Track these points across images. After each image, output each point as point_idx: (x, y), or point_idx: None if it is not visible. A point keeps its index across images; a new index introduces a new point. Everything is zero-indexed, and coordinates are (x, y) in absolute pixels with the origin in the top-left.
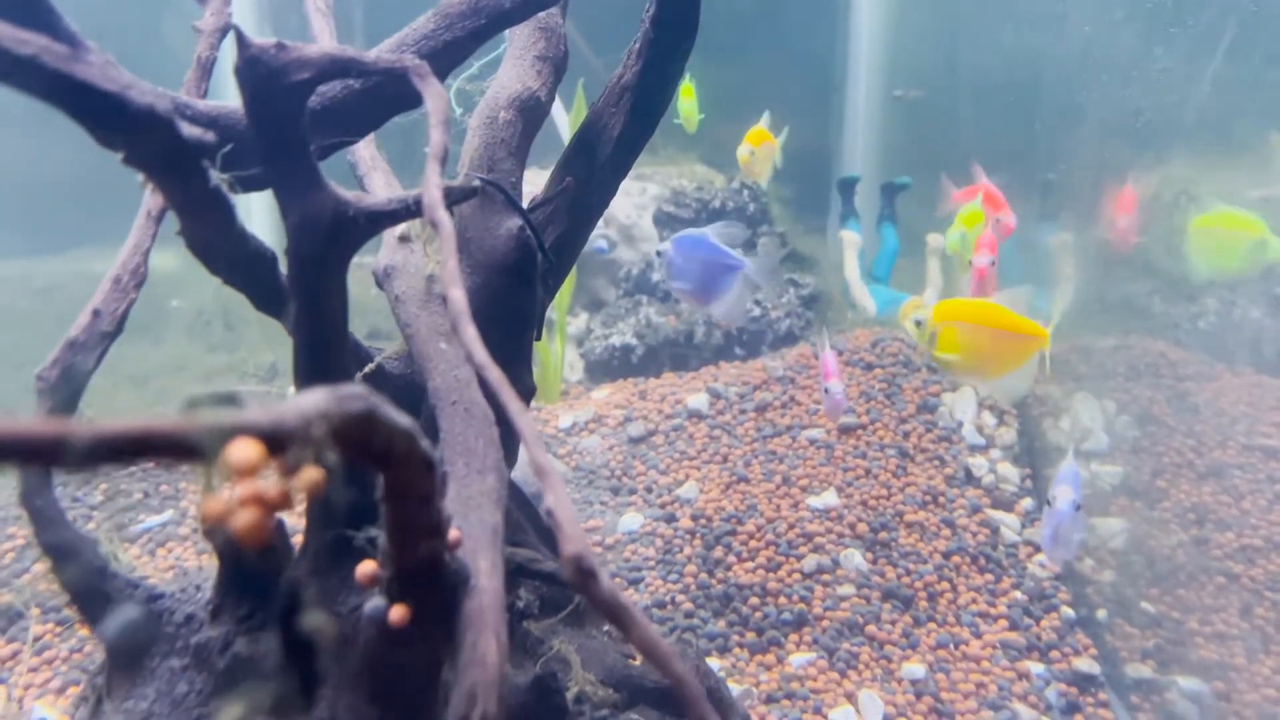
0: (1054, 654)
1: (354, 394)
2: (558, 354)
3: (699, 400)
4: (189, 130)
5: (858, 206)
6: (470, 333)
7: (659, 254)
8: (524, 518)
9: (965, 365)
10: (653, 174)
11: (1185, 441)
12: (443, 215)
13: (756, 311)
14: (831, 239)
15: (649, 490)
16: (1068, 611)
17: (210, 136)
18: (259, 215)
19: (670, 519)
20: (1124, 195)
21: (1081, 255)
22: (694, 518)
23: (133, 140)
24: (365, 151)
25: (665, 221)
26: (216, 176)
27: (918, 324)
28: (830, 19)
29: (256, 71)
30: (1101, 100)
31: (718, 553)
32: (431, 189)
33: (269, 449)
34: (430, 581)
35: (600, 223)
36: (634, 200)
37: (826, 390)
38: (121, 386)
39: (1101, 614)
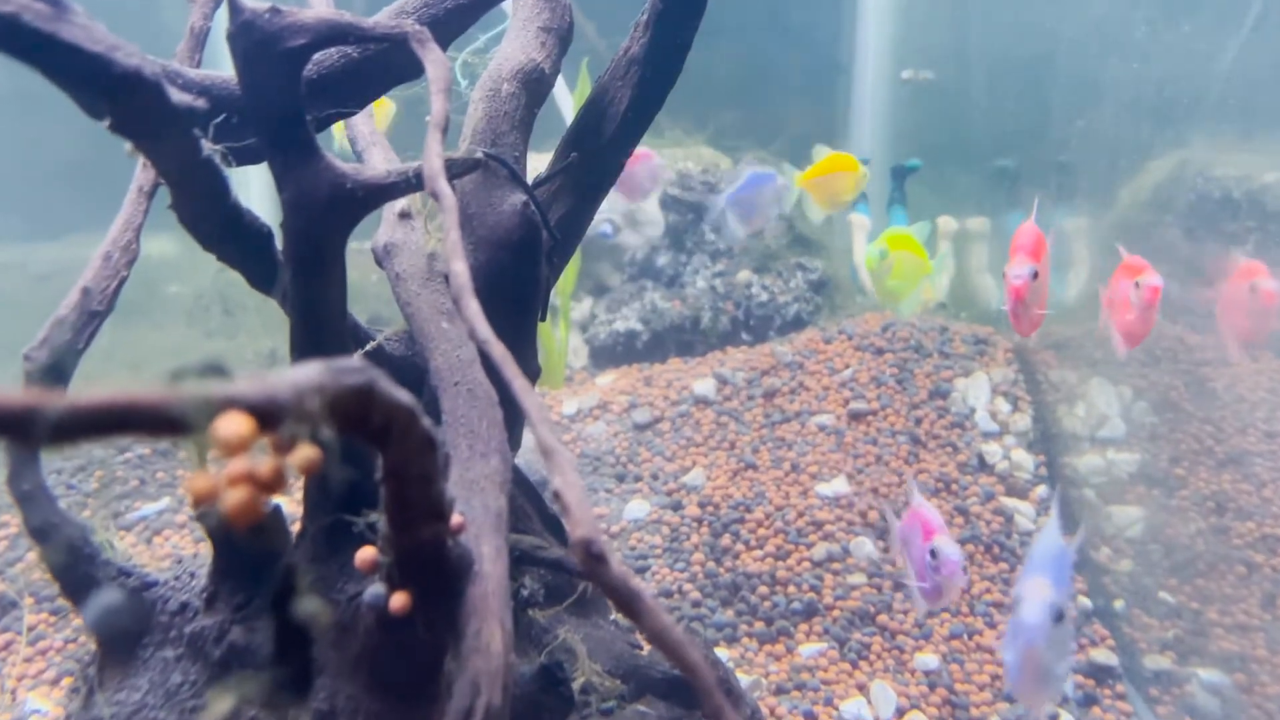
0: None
1: (352, 367)
2: (561, 339)
3: (706, 386)
4: (178, 96)
5: (866, 189)
6: (473, 307)
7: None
8: (529, 504)
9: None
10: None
11: (1204, 428)
12: (444, 186)
13: (764, 296)
14: (840, 223)
15: (655, 478)
16: (1084, 601)
17: (201, 103)
18: (258, 191)
19: (677, 507)
20: (1252, 269)
21: (1095, 238)
22: (701, 505)
23: (119, 105)
24: (364, 126)
25: (671, 205)
26: (208, 147)
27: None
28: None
29: (250, 37)
30: (1117, 79)
31: (725, 541)
32: (432, 159)
33: (260, 423)
34: (432, 567)
35: (604, 206)
36: None
37: (933, 554)
38: (117, 373)
39: (1119, 604)
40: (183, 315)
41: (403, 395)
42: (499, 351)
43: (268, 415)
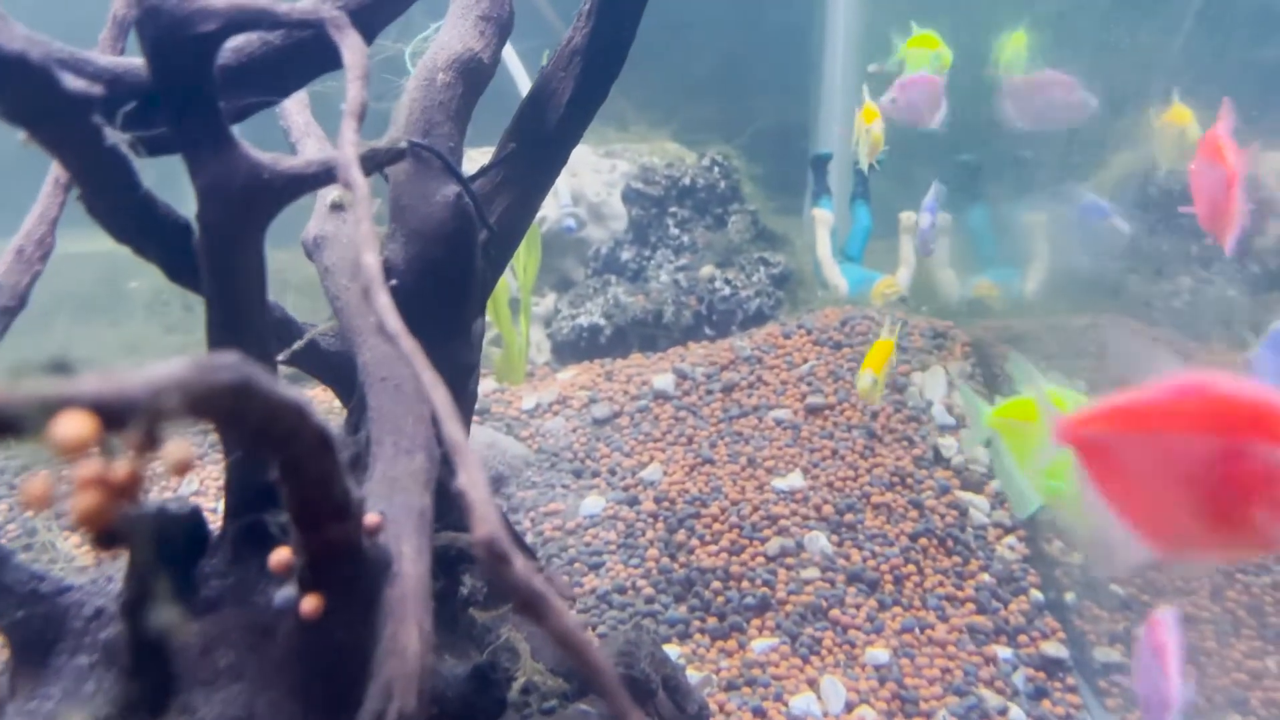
0: (1022, 638)
1: (223, 364)
2: (523, 334)
3: (665, 381)
4: (73, 83)
5: (830, 185)
6: (382, 300)
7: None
8: None
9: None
10: (623, 151)
11: None
12: (357, 175)
13: (726, 291)
14: (807, 218)
15: (612, 473)
16: (1036, 594)
17: (97, 89)
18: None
19: (633, 502)
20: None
21: (1055, 232)
22: (657, 500)
23: (3, 91)
24: (299, 117)
25: (634, 199)
26: (115, 136)
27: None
28: None
29: (158, 22)
30: (1071, 73)
31: (680, 536)
32: (345, 147)
33: (108, 423)
34: (344, 568)
35: (569, 201)
36: (603, 178)
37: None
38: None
39: (1070, 596)
40: (142, 310)
41: (287, 393)
42: (408, 345)
43: (116, 415)
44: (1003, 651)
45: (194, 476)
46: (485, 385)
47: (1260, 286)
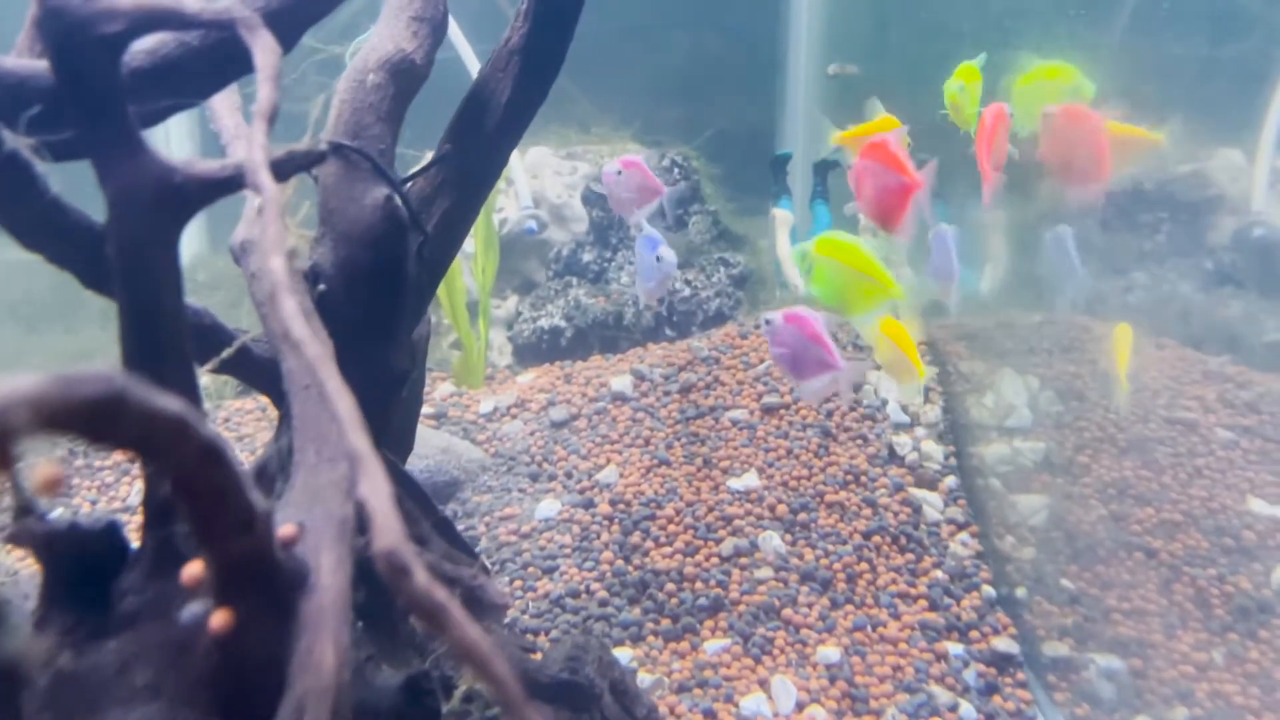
0: (973, 634)
1: (89, 376)
2: (481, 338)
3: (623, 382)
4: None
5: (789, 185)
6: (289, 306)
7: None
8: (418, 509)
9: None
10: (584, 153)
11: (1107, 416)
12: (265, 179)
13: (686, 291)
14: (768, 219)
15: (569, 476)
16: (989, 590)
17: None
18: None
19: (589, 505)
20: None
21: (1009, 231)
22: (613, 503)
23: None
24: (229, 120)
25: (595, 200)
26: (16, 140)
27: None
28: None
29: (60, 23)
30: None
31: (635, 538)
32: (255, 150)
33: None
34: (255, 581)
35: (531, 203)
36: (565, 180)
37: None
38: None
39: (1021, 592)
40: (98, 318)
41: (167, 404)
42: (312, 352)
43: None
44: (954, 648)
45: (140, 487)
46: (443, 389)
47: (1212, 282)
